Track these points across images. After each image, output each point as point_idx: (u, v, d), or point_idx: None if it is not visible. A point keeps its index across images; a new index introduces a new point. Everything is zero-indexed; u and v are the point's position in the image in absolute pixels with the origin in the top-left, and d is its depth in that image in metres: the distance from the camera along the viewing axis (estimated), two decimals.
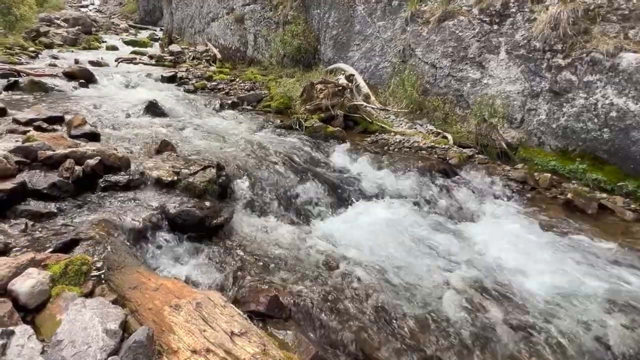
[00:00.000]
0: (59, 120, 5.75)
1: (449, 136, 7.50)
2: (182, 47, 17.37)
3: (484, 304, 3.44)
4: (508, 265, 4.02)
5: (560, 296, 3.59)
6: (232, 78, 12.39)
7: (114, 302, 2.31)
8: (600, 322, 3.29)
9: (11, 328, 1.87)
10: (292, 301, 3.16)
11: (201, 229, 3.89)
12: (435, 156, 6.85)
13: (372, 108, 8.65)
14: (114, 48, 17.82)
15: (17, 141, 4.36)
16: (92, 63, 12.26)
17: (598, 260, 4.18)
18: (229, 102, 9.28)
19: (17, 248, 2.82)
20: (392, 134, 7.80)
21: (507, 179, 6.10)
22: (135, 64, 14.03)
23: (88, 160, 4.00)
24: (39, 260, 2.50)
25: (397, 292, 3.49)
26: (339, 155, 6.56)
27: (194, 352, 2.02)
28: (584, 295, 3.61)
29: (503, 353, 2.97)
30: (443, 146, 7.14)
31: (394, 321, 3.13)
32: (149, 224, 3.65)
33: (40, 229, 3.16)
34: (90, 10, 34.85)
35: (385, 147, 7.29)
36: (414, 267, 3.87)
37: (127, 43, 20.04)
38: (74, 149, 4.26)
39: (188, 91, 10.38)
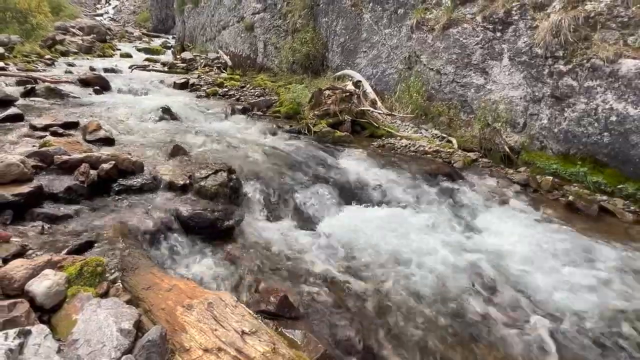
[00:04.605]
0: (74, 125, 5.89)
1: (454, 140, 7.61)
2: (194, 54, 17.65)
3: (489, 304, 3.47)
4: (511, 265, 4.08)
5: (563, 296, 3.64)
6: (243, 84, 12.53)
7: (128, 302, 2.36)
8: (596, 321, 3.35)
9: (28, 327, 1.91)
10: (301, 301, 3.18)
11: (213, 231, 3.91)
12: (440, 160, 6.94)
13: (379, 113, 8.76)
14: (128, 55, 18.21)
15: (33, 146, 4.47)
16: (106, 70, 12.56)
17: (599, 260, 4.22)
18: (240, 107, 9.41)
19: (33, 250, 2.88)
20: (398, 138, 7.92)
21: (510, 181, 6.17)
22: (149, 71, 14.32)
23: (103, 165, 4.09)
24: (55, 262, 2.54)
25: (405, 291, 3.52)
26: (346, 159, 6.60)
27: (206, 350, 2.06)
28: (583, 294, 3.68)
29: (515, 353, 3.00)
30: (448, 150, 7.24)
31: (402, 320, 3.16)
32: (162, 226, 3.71)
33: (56, 232, 3.24)
34: (105, 18, 35.47)
35: (392, 151, 7.38)
36: (421, 266, 3.90)
37: (141, 51, 20.50)
38: (89, 153, 4.37)
39: (200, 97, 10.56)
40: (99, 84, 9.73)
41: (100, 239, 3.19)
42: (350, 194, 5.42)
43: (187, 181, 4.44)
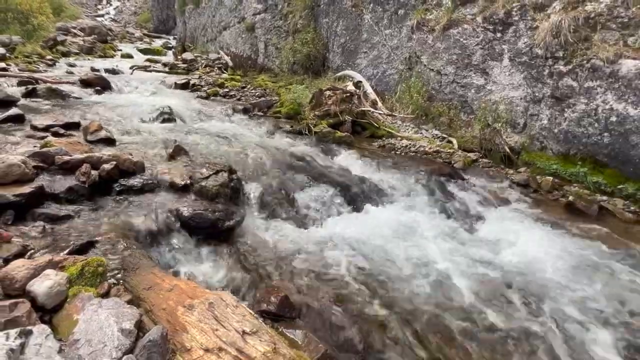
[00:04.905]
0: (75, 126, 5.84)
1: (454, 141, 7.62)
2: (195, 55, 17.67)
3: (490, 303, 3.47)
4: (513, 265, 4.08)
5: (565, 296, 3.65)
6: (244, 85, 12.53)
7: (129, 302, 2.36)
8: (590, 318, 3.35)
9: (29, 327, 1.91)
10: (302, 301, 3.17)
11: (214, 231, 3.91)
12: (441, 160, 6.95)
13: (379, 114, 8.77)
14: (129, 56, 18.26)
15: (35, 146, 4.44)
16: (107, 71, 12.56)
17: (599, 260, 4.23)
18: (241, 108, 9.40)
19: (35, 250, 2.87)
20: (399, 138, 7.94)
21: (510, 182, 6.18)
22: (150, 71, 14.35)
23: (104, 165, 4.07)
24: (56, 262, 2.53)
25: (406, 292, 3.52)
26: (347, 160, 6.62)
27: (207, 350, 2.07)
28: (584, 293, 3.69)
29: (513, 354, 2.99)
30: (448, 150, 7.25)
31: (402, 320, 3.15)
32: (163, 226, 3.70)
33: (57, 232, 3.22)
34: (106, 19, 35.50)
35: (392, 152, 7.40)
36: (422, 266, 3.91)
37: (142, 51, 20.54)
38: (90, 154, 4.34)
39: (201, 97, 10.54)
40: (100, 85, 9.72)
41: (101, 239, 3.18)
42: (351, 194, 5.40)
43: (188, 181, 4.42)
